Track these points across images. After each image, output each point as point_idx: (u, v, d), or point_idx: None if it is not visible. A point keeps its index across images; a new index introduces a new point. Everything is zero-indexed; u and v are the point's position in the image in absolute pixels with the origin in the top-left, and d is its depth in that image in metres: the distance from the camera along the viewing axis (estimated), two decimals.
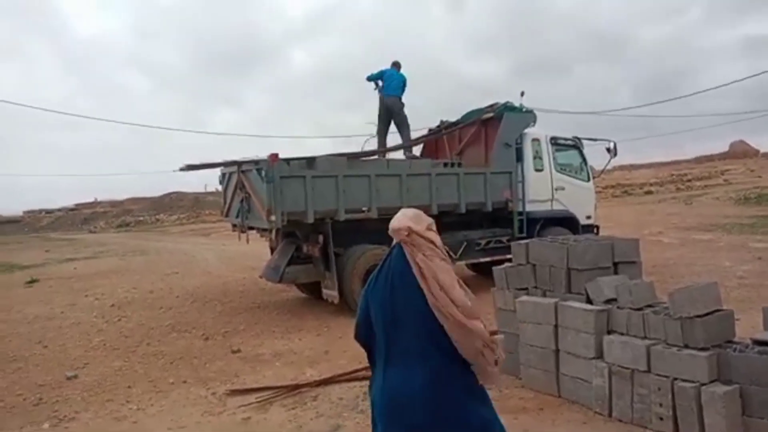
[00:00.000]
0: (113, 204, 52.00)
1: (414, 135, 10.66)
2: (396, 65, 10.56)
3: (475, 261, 9.69)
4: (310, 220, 7.97)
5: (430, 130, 11.28)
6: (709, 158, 54.45)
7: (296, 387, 5.41)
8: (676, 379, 3.97)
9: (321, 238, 8.18)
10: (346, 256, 8.30)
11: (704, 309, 4.09)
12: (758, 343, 4.05)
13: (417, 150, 11.19)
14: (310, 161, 8.65)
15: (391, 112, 10.30)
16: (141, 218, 43.55)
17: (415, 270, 2.21)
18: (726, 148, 56.90)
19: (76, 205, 53.64)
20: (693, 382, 3.88)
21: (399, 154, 10.37)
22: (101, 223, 43.25)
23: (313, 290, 9.13)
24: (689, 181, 38.94)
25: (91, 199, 54.80)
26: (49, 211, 51.25)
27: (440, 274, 2.19)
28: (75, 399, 5.50)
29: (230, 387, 5.57)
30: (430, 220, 2.40)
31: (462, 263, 9.64)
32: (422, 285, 2.18)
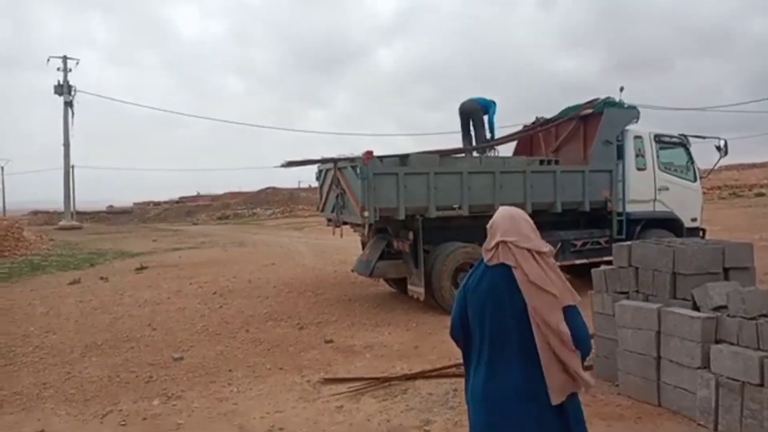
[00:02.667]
0: (213, 198, 54.98)
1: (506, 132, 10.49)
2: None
3: (569, 263, 9.39)
4: (401, 216, 8.07)
5: (524, 126, 11.05)
6: None
7: (387, 379, 5.51)
8: None
9: (411, 234, 8.25)
10: (435, 253, 8.33)
11: None
12: None
13: (509, 148, 11.01)
14: (403, 158, 8.74)
15: (468, 115, 10.16)
16: (239, 212, 45.75)
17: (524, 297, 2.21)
18: None
19: (181, 198, 57.18)
20: None
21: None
22: (203, 216, 45.86)
23: (401, 286, 9.24)
24: None
25: (194, 193, 58.24)
26: (156, 203, 55.09)
27: (546, 313, 2.17)
28: (181, 379, 5.91)
29: (324, 375, 5.77)
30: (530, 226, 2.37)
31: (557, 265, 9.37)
32: (530, 316, 2.19)
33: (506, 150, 10.90)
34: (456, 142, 10.39)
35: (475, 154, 9.87)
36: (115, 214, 50.39)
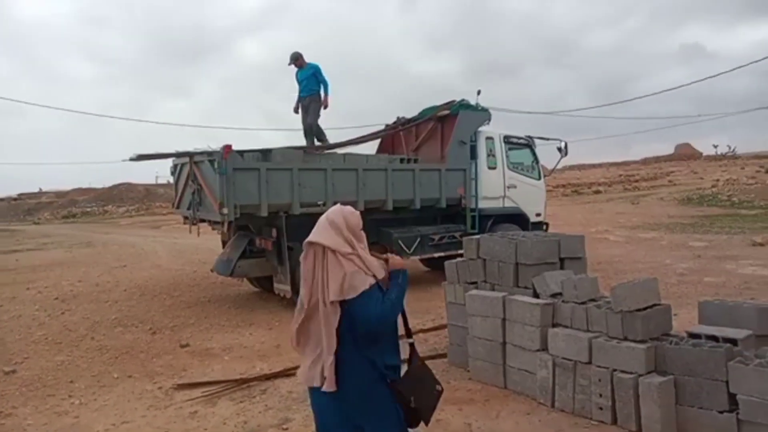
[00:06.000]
0: (59, 195, 50.11)
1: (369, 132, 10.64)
2: (296, 59, 9.77)
3: (428, 256, 9.81)
4: (264, 213, 7.90)
5: (386, 126, 11.31)
6: (656, 159, 56.46)
7: (245, 381, 5.36)
8: (615, 370, 4.12)
9: (274, 231, 8.11)
10: (301, 250, 8.24)
11: (644, 303, 4.26)
12: (692, 336, 4.25)
13: (373, 145, 11.24)
14: (265, 153, 8.57)
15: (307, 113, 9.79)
16: (88, 209, 42.11)
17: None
18: (672, 150, 59.11)
19: (20, 195, 51.48)
20: (631, 373, 4.04)
21: (358, 149, 10.32)
22: (46, 214, 41.59)
23: (265, 284, 9.06)
24: (636, 181, 40.30)
25: (36, 189, 52.70)
26: None
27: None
28: (13, 394, 5.30)
29: (177, 381, 5.47)
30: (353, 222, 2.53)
31: (416, 258, 9.74)
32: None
33: (370, 148, 11.15)
34: (330, 138, 10.34)
35: (344, 150, 9.93)
36: None
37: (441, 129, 10.49)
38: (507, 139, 10.61)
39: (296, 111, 9.94)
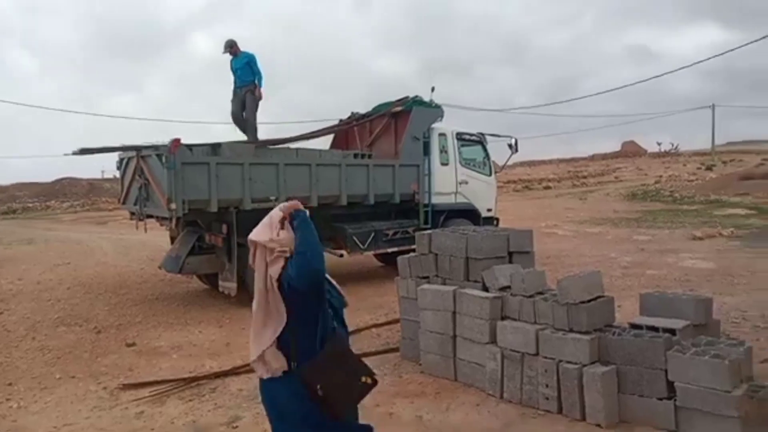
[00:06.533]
0: None
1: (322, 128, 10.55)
2: (230, 47, 9.41)
3: (382, 251, 9.83)
4: (214, 209, 7.75)
5: (340, 121, 11.27)
6: (603, 156, 58.18)
7: (194, 379, 5.26)
8: (561, 361, 4.24)
9: (225, 227, 7.96)
10: None
11: (588, 296, 4.40)
12: (634, 326, 4.42)
13: (327, 141, 11.18)
14: (215, 148, 8.40)
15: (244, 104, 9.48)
16: (29, 205, 40.31)
17: None
18: (618, 148, 61.02)
19: None
20: (576, 363, 4.16)
21: (312, 144, 10.23)
22: None
23: (215, 281, 8.89)
24: (584, 177, 41.43)
25: None
26: None
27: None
28: None
29: (123, 381, 5.32)
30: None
31: (370, 253, 9.75)
32: None
33: (324, 143, 11.09)
34: (283, 132, 10.18)
35: (296, 145, 9.82)
36: None
37: (395, 125, 10.52)
38: (459, 136, 10.72)
39: (233, 102, 9.61)
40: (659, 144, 57.04)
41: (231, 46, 9.40)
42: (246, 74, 9.33)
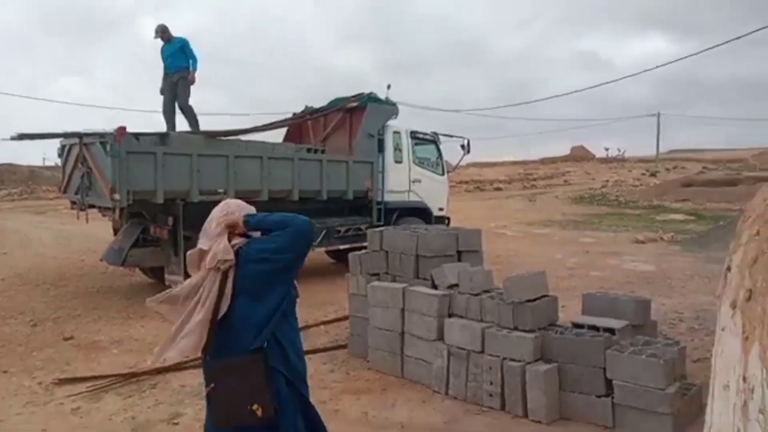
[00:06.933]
0: None
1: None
2: (162, 32, 9.11)
3: (334, 248, 9.78)
4: (160, 200, 7.54)
5: (294, 114, 11.15)
6: (553, 160, 59.65)
7: (134, 375, 5.09)
8: (505, 358, 4.31)
9: (170, 219, 7.76)
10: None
11: (533, 295, 4.49)
12: (576, 325, 4.54)
13: (280, 134, 11.03)
14: (163, 137, 8.18)
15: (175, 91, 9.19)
16: None
17: None
18: (568, 152, 62.67)
19: None
20: (519, 361, 4.24)
21: (263, 137, 10.06)
22: None
23: (159, 275, 8.64)
24: (534, 180, 42.43)
25: None
26: None
27: None
28: None
29: (59, 376, 5.10)
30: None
31: (321, 250, 9.68)
32: None
33: (276, 136, 10.93)
34: (237, 124, 9.98)
35: (248, 137, 9.63)
36: None
37: (349, 121, 10.48)
38: (413, 135, 10.78)
39: (162, 93, 9.33)
40: (607, 149, 58.95)
41: (163, 32, 9.09)
42: (179, 60, 9.05)
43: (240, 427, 2.27)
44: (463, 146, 11.56)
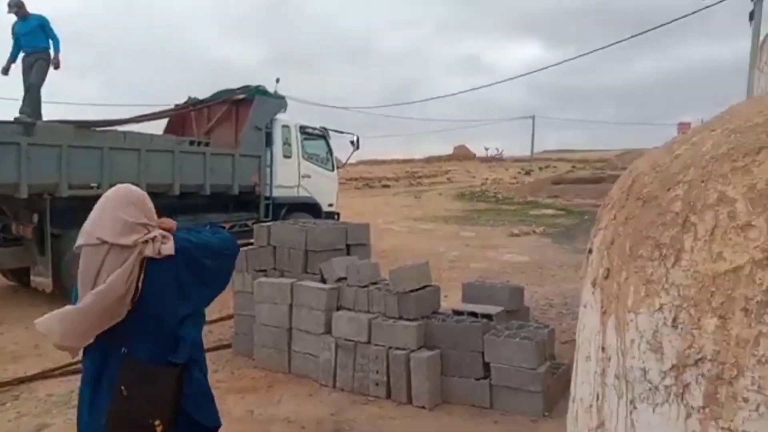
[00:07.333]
0: None
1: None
2: (17, 6, 8.23)
3: None
4: (23, 195, 6.88)
5: (176, 105, 10.66)
6: (437, 159, 61.72)
7: None
8: (391, 347, 4.43)
9: (36, 216, 7.12)
10: (68, 237, 7.34)
11: (417, 285, 4.65)
12: (457, 313, 4.76)
13: (160, 126, 10.49)
14: (28, 127, 7.47)
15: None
16: None
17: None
18: (451, 151, 65.11)
19: None
20: (404, 349, 4.37)
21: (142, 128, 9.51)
22: None
23: (22, 277, 7.92)
24: (420, 178, 43.67)
25: None
26: None
27: None
28: None
29: None
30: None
31: None
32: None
33: (156, 128, 10.39)
34: (113, 113, 9.32)
35: (125, 128, 9.05)
36: None
37: (236, 113, 10.19)
38: (303, 129, 10.71)
39: (5, 72, 8.51)
40: (487, 149, 61.92)
41: (18, 6, 8.27)
42: (37, 39, 8.28)
43: None
44: (352, 142, 11.68)
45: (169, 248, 2.13)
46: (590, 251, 1.69)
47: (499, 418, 4.05)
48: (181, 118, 10.57)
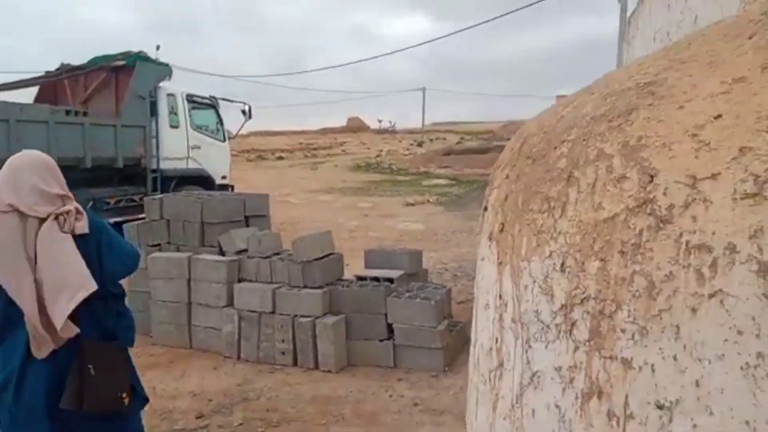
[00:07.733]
0: None
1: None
2: None
3: None
4: None
5: (47, 73, 9.78)
6: (331, 131, 61.46)
7: None
8: (296, 316, 4.47)
9: None
10: None
11: (320, 253, 4.70)
12: (360, 278, 4.89)
13: (30, 93, 9.61)
14: None
15: None
16: None
17: None
18: (345, 123, 65.04)
19: None
20: (310, 316, 4.43)
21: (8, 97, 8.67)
22: None
23: None
24: (315, 149, 43.32)
25: None
26: None
27: None
28: None
29: None
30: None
31: None
32: None
33: (26, 96, 9.50)
34: None
35: None
36: None
37: (115, 81, 9.53)
38: (190, 98, 10.24)
39: None
40: (380, 121, 62.44)
41: None
42: None
43: (107, 413, 2.13)
44: (244, 112, 11.36)
45: (82, 226, 2.08)
46: (485, 209, 1.82)
47: (403, 376, 4.24)
48: (54, 86, 9.75)
